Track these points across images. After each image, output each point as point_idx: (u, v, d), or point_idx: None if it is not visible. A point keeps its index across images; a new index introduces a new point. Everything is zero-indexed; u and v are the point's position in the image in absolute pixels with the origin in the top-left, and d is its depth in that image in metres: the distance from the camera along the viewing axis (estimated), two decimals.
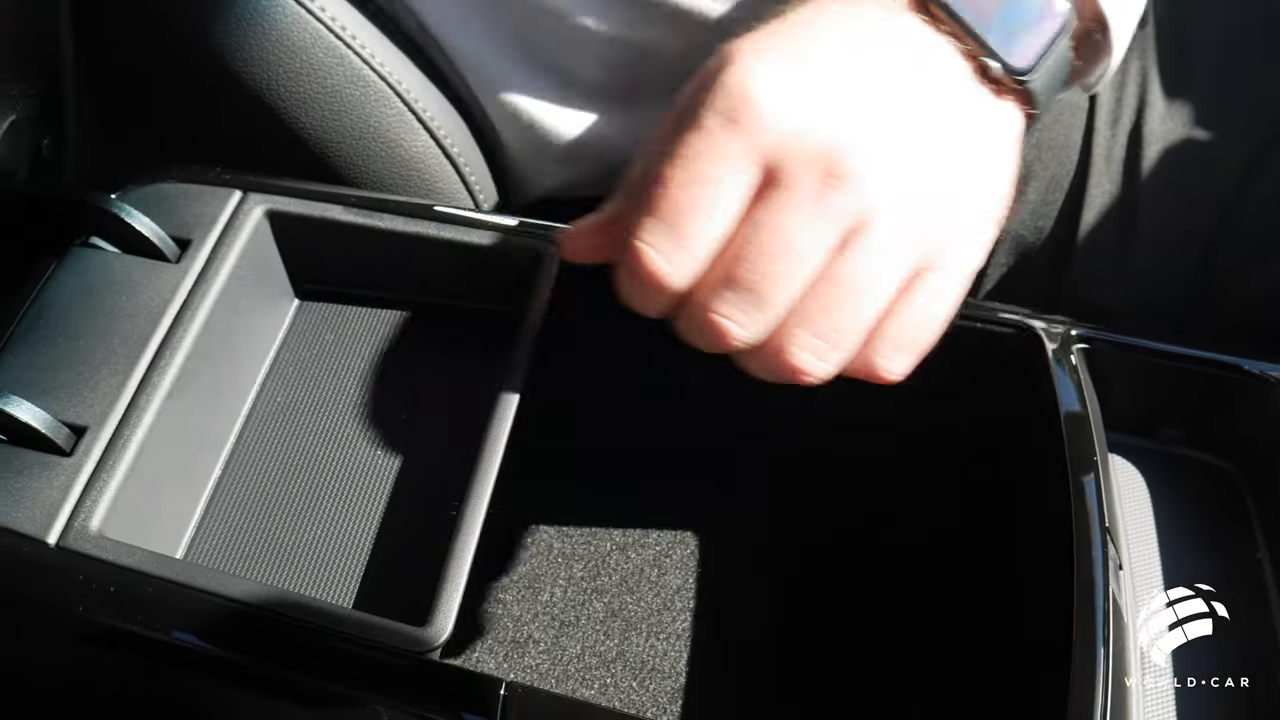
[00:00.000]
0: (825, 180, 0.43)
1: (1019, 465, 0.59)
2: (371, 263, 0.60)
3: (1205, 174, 0.70)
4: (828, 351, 0.45)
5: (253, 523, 0.54)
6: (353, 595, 0.52)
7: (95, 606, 0.47)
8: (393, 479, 0.55)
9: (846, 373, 0.47)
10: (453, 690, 0.46)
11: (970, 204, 0.48)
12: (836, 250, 0.44)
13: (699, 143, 0.44)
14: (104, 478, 0.49)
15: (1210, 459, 0.60)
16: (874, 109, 0.45)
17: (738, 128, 0.44)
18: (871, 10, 0.48)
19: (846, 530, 0.65)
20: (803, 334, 0.45)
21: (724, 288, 0.44)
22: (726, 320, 0.45)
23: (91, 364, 0.52)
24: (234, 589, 0.47)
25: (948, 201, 0.46)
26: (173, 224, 0.57)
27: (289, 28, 0.63)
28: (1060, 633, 0.48)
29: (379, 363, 0.59)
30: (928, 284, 0.46)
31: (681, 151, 0.44)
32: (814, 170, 0.44)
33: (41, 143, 0.61)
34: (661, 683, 0.60)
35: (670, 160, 0.44)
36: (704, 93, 0.45)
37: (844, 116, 0.44)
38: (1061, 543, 0.50)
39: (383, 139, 0.67)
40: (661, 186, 0.44)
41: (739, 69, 0.44)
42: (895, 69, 0.47)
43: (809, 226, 0.44)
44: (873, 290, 0.45)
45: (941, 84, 0.48)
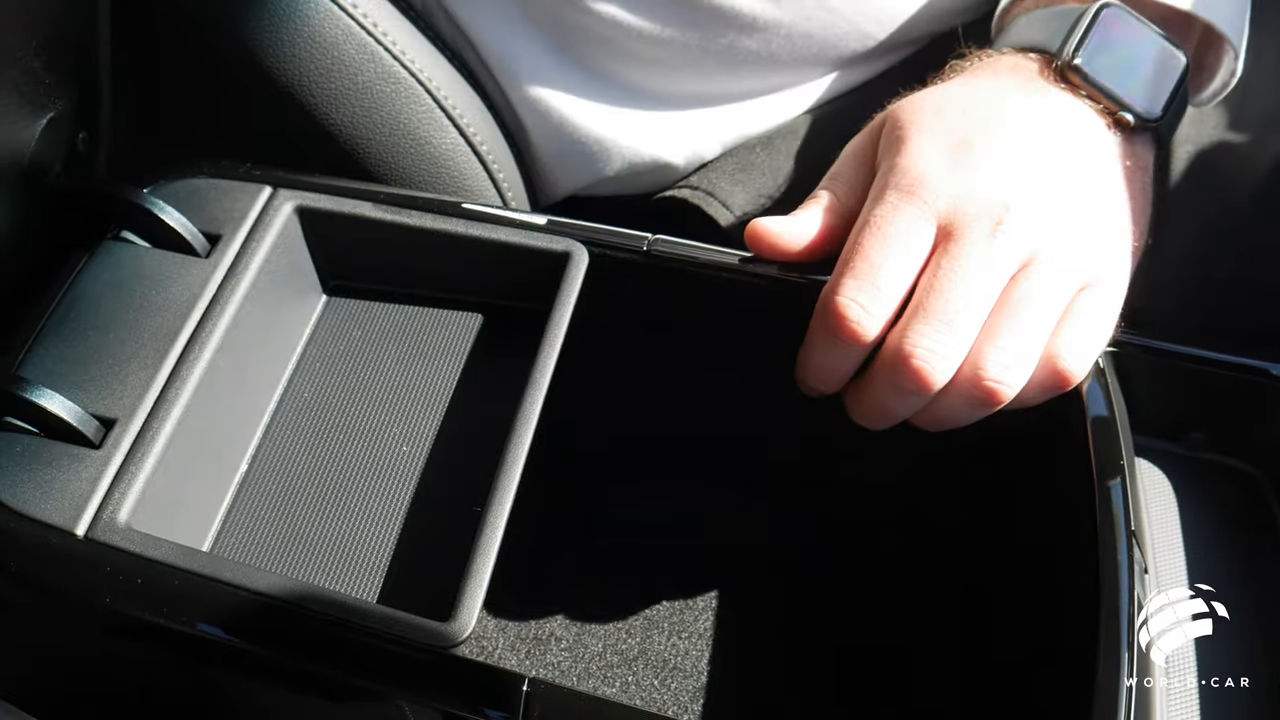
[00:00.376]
0: (993, 231, 0.51)
1: (1023, 468, 0.59)
2: (399, 259, 0.60)
3: (1236, 176, 0.70)
4: (1015, 365, 0.51)
5: (279, 516, 0.54)
6: (377, 590, 0.52)
7: (122, 598, 0.47)
8: (418, 475, 0.55)
9: (1035, 386, 0.53)
10: (475, 686, 0.46)
11: (1115, 232, 0.55)
12: (1011, 282, 0.52)
13: (884, 213, 0.53)
14: (132, 470, 0.50)
15: (1237, 464, 0.60)
16: (1027, 170, 0.53)
17: (915, 198, 0.52)
18: (1016, 85, 0.58)
19: (868, 532, 0.65)
20: (992, 351, 0.51)
21: (917, 321, 0.51)
22: (925, 351, 0.50)
23: (121, 357, 0.53)
24: (259, 582, 0.47)
25: (1097, 233, 0.54)
26: (203, 219, 0.58)
27: (321, 24, 0.64)
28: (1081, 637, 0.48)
29: (406, 358, 0.59)
30: (1090, 299, 0.53)
31: (871, 222, 0.53)
32: (982, 223, 0.52)
33: (77, 137, 0.61)
34: (683, 681, 0.60)
35: (863, 230, 0.53)
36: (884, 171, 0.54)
37: (1002, 179, 0.53)
38: (1085, 546, 0.50)
39: (412, 136, 0.67)
40: (856, 250, 0.52)
41: (910, 151, 0.54)
42: (1042, 133, 0.55)
43: (985, 262, 0.51)
44: (1045, 307, 0.52)
45: (1083, 140, 0.57)
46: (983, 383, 0.51)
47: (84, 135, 0.61)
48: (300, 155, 0.65)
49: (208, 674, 0.51)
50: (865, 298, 0.51)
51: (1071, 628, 0.50)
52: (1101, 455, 0.52)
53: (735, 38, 0.70)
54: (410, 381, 0.58)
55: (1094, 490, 0.51)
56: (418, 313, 0.61)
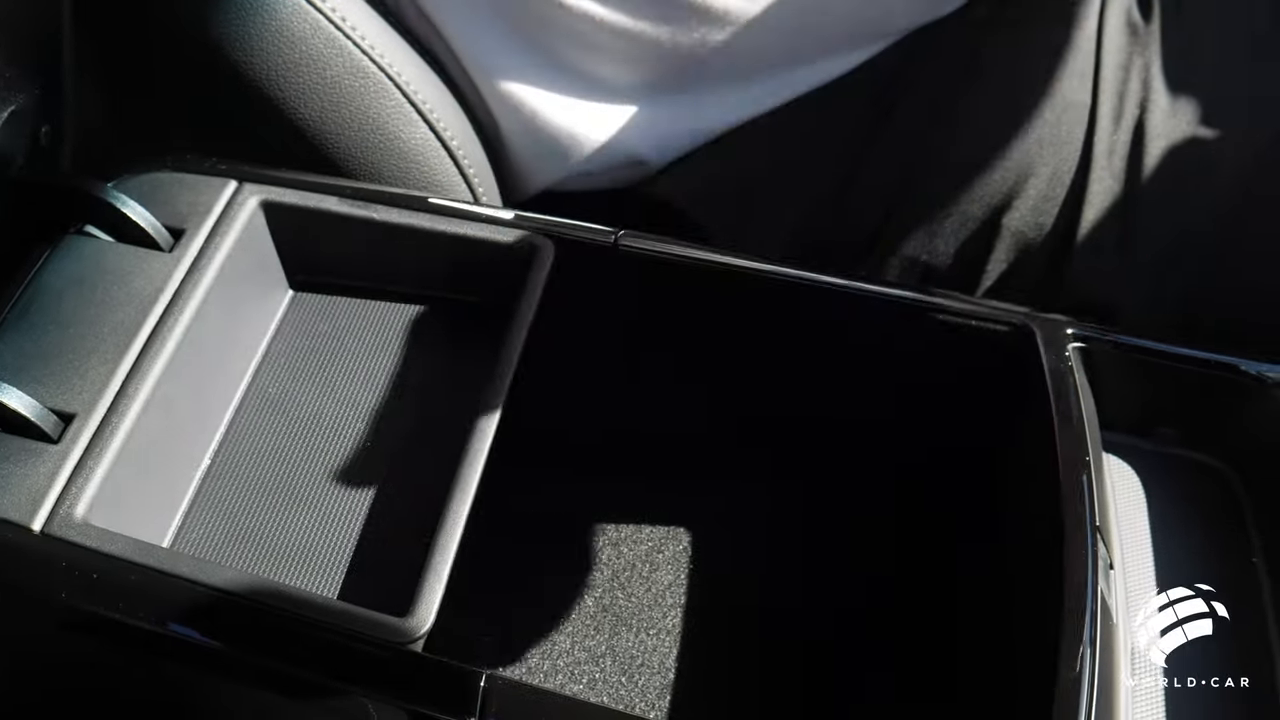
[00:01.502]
0: None
1: (1009, 463, 0.59)
2: (366, 254, 0.60)
3: (1207, 172, 0.70)
4: None
5: (241, 512, 0.54)
6: (339, 585, 0.52)
7: (78, 593, 0.47)
8: (383, 470, 0.55)
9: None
10: (433, 682, 0.46)
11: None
12: None
13: None
14: (90, 465, 0.49)
15: (1206, 459, 0.59)
16: None
17: None
18: None
19: (836, 527, 0.65)
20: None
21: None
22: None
23: (81, 352, 0.53)
24: (216, 577, 0.47)
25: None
26: (167, 213, 0.57)
27: (289, 18, 0.63)
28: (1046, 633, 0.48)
29: (372, 354, 0.59)
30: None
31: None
32: None
33: (40, 130, 0.61)
34: (650, 678, 0.59)
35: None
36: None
37: None
38: (1050, 542, 0.50)
39: (381, 131, 0.67)
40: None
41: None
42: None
43: None
44: None
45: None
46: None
47: (47, 129, 0.60)
48: (269, 150, 0.65)
49: (167, 671, 0.51)
50: None
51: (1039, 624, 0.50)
52: (1067, 451, 0.52)
53: (707, 31, 0.70)
54: (375, 377, 0.58)
55: (1058, 486, 0.51)
56: (384, 308, 0.61)
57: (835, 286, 0.57)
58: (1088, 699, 0.45)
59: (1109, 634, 0.48)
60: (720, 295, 0.58)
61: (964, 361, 0.59)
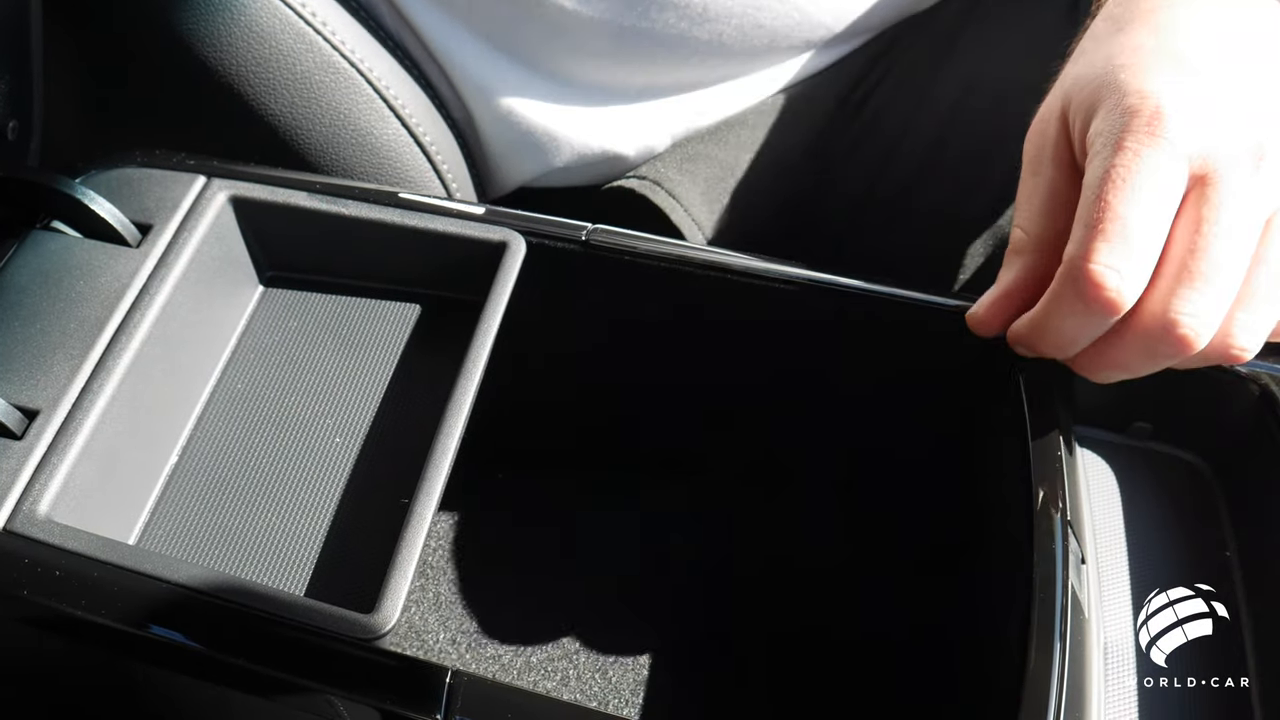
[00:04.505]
0: (1255, 165, 0.47)
1: (985, 456, 0.59)
2: (336, 250, 0.59)
3: None
4: (1260, 328, 0.48)
5: (209, 509, 0.53)
6: (306, 582, 0.51)
7: (40, 590, 0.46)
8: (350, 467, 0.55)
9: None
10: (398, 678, 0.46)
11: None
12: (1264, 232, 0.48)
13: (1128, 163, 0.47)
14: (54, 462, 0.49)
15: (1181, 454, 0.59)
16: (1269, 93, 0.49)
17: (1162, 140, 0.46)
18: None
19: (808, 522, 0.65)
20: (1244, 317, 0.48)
21: (1183, 287, 0.47)
22: (1190, 319, 0.47)
23: (46, 348, 0.52)
24: (181, 574, 0.46)
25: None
26: (134, 209, 0.57)
27: (258, 13, 0.63)
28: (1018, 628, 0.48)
29: (342, 350, 0.58)
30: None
31: (1115, 175, 0.47)
32: (1244, 158, 0.47)
33: (8, 125, 0.60)
34: (623, 674, 0.59)
35: (1106, 185, 0.47)
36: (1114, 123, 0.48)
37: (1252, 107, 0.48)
38: (1023, 537, 0.50)
39: (352, 126, 0.67)
40: (1105, 211, 0.47)
41: (1141, 90, 0.48)
42: (1273, 51, 0.51)
43: (1249, 209, 0.47)
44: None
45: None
46: (1229, 352, 0.48)
47: (14, 124, 0.60)
48: (239, 145, 0.64)
49: (132, 668, 0.50)
50: (1121, 262, 0.46)
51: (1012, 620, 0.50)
52: (1039, 445, 0.52)
53: (687, 28, 0.69)
54: (345, 373, 0.58)
55: (1029, 481, 0.51)
56: (355, 303, 0.60)
57: (808, 281, 0.57)
58: (1057, 694, 0.45)
59: (1080, 628, 0.47)
60: (692, 290, 0.58)
61: (938, 356, 0.58)
